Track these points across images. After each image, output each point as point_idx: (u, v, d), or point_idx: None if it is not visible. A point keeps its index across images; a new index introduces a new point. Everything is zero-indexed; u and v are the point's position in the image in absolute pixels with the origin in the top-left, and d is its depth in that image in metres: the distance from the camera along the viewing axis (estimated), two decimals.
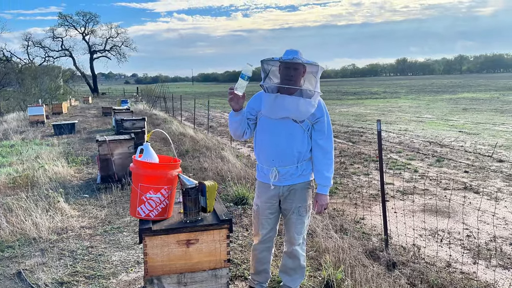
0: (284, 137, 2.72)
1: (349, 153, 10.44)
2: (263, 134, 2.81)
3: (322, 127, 2.75)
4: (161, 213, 2.49)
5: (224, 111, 25.14)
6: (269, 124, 2.77)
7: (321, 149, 2.76)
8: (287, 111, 2.66)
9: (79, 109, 28.25)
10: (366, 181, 7.64)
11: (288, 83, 2.65)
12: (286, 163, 2.74)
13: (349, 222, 5.12)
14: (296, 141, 2.72)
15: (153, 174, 2.42)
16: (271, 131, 2.76)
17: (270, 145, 2.77)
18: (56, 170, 7.21)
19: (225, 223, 2.44)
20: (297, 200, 2.83)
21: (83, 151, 10.27)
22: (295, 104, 2.64)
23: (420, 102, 29.69)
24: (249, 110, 2.86)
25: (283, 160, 2.74)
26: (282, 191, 2.81)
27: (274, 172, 2.76)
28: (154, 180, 2.43)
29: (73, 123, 14.30)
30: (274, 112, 2.71)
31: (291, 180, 2.78)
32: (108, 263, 3.73)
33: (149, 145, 2.57)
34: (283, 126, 2.72)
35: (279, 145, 2.73)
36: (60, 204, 5.12)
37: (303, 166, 2.79)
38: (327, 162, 2.78)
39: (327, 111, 2.81)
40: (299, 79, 2.68)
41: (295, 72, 2.64)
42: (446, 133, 13.84)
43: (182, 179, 2.45)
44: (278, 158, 2.75)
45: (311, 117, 2.70)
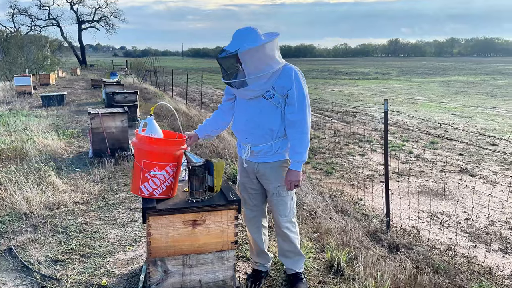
0: (255, 115, 2.61)
1: (344, 133, 10.36)
2: (237, 113, 2.76)
3: (292, 100, 2.56)
4: (166, 192, 2.35)
5: (216, 87, 24.82)
6: (243, 103, 2.70)
7: (291, 124, 2.58)
8: (249, 94, 2.58)
9: (67, 81, 27.62)
10: (362, 162, 7.58)
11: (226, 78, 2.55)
12: (259, 141, 2.65)
13: (348, 203, 5.05)
14: (268, 118, 2.60)
15: (158, 150, 2.27)
16: (244, 109, 2.68)
17: (242, 123, 2.69)
18: (46, 142, 6.98)
19: (233, 203, 2.31)
20: (274, 179, 2.71)
21: (73, 123, 10.01)
22: (249, 92, 2.55)
23: (412, 84, 29.66)
24: (227, 92, 2.83)
25: (255, 138, 2.65)
26: (257, 168, 2.70)
27: (247, 150, 2.68)
28: (159, 157, 2.28)
29: (62, 94, 13.93)
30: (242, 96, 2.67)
31: (265, 157, 2.68)
32: (104, 240, 3.59)
33: (154, 119, 2.41)
34: (254, 104, 2.61)
35: (250, 123, 2.64)
36: (52, 178, 4.94)
37: (278, 144, 2.66)
38: (299, 137, 2.58)
39: (301, 80, 2.59)
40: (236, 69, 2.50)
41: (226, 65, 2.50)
42: (438, 116, 13.83)
43: (189, 156, 2.31)
44: (251, 136, 2.66)
45: (279, 90, 2.55)
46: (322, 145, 8.94)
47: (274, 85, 2.55)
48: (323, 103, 17.69)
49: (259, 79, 2.48)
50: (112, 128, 6.34)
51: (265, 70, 2.46)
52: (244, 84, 2.49)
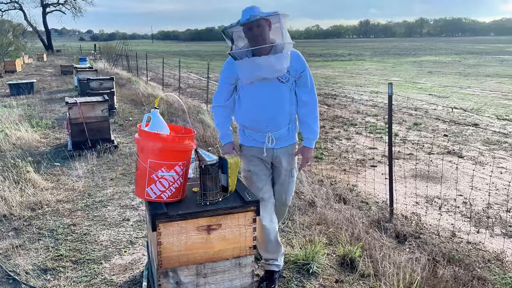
0: (277, 100, 2.58)
1: (327, 117, 10.23)
2: (251, 102, 2.63)
3: (306, 81, 2.63)
4: (175, 194, 2.10)
5: (190, 72, 24.24)
6: (256, 91, 2.59)
7: (306, 104, 2.65)
8: (262, 72, 2.50)
9: (34, 67, 26.37)
10: (349, 146, 7.47)
11: (256, 44, 2.47)
12: (279, 126, 2.63)
13: (344, 190, 4.91)
14: (286, 102, 2.61)
15: (166, 148, 2.01)
16: (260, 97, 2.59)
17: (261, 112, 2.60)
18: (20, 135, 6.53)
19: (251, 205, 2.09)
20: (289, 162, 2.76)
21: (46, 113, 9.47)
22: (268, 63, 2.47)
23: (386, 65, 29.86)
24: (227, 78, 2.71)
25: (276, 125, 2.62)
26: (275, 154, 2.69)
27: (269, 138, 2.63)
28: (168, 156, 2.02)
29: (32, 82, 13.20)
30: (252, 76, 2.55)
31: (283, 142, 2.69)
32: (96, 243, 3.30)
33: (158, 113, 2.14)
34: (270, 90, 2.57)
35: (271, 110, 2.58)
36: (30, 175, 4.57)
37: (293, 127, 2.72)
38: (314, 116, 2.70)
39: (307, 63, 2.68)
40: (266, 35, 2.50)
41: (259, 30, 2.46)
42: (416, 96, 13.89)
43: (201, 154, 2.06)
44: (271, 124, 2.61)
45: (293, 73, 2.58)
46: None
47: (288, 68, 2.55)
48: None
49: (288, 48, 2.46)
50: (92, 118, 5.96)
51: (287, 40, 2.47)
52: (279, 49, 2.45)
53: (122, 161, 5.56)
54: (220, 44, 17.63)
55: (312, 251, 2.89)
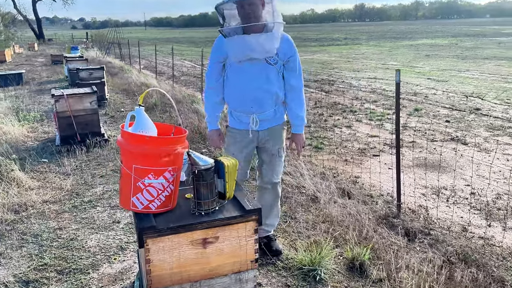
0: (264, 82, 2.58)
1: (325, 104, 9.96)
2: (237, 81, 2.63)
3: (294, 65, 2.64)
4: (165, 203, 1.85)
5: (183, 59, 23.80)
6: (243, 70, 2.59)
7: (293, 89, 2.67)
8: (252, 51, 2.47)
9: (25, 57, 25.81)
10: (350, 134, 7.22)
11: (248, 22, 2.45)
12: (264, 108, 2.64)
13: (347, 183, 4.67)
14: (273, 84, 2.60)
15: (153, 152, 1.75)
16: (246, 77, 2.59)
17: (246, 92, 2.61)
18: (6, 129, 6.22)
19: (252, 214, 1.84)
20: (276, 142, 2.78)
21: (35, 105, 9.13)
22: (258, 42, 2.45)
23: (382, 49, 29.52)
24: (216, 57, 2.69)
25: (261, 106, 2.63)
26: (261, 135, 2.73)
27: (253, 120, 2.64)
28: (155, 160, 1.76)
29: (20, 73, 12.80)
30: (241, 55, 2.53)
31: (269, 123, 2.71)
32: (83, 250, 3.05)
33: (143, 111, 1.87)
34: (257, 70, 2.56)
35: (256, 91, 2.59)
36: (15, 173, 4.30)
37: (280, 109, 2.72)
38: (300, 102, 2.71)
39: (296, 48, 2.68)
40: (259, 14, 2.48)
41: (251, 8, 2.43)
42: (415, 81, 13.62)
43: (193, 157, 1.80)
44: (256, 105, 2.62)
45: (282, 56, 2.58)
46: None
47: (278, 51, 2.53)
48: None
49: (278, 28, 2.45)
50: (81, 111, 5.66)
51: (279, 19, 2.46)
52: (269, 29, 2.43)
53: (112, 156, 5.29)
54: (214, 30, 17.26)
55: (319, 256, 2.66)
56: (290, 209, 3.74)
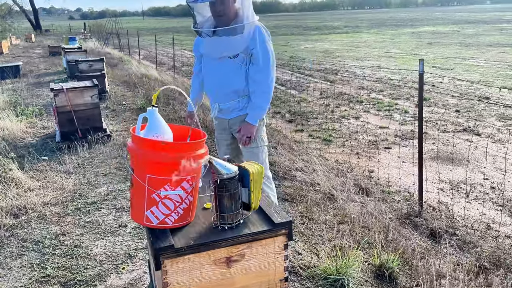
0: (221, 76, 2.64)
1: (331, 94, 9.72)
2: (205, 73, 2.79)
3: (256, 59, 2.57)
4: (183, 217, 1.63)
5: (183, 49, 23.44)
6: (208, 63, 2.73)
7: (254, 82, 2.61)
8: (221, 52, 2.58)
9: (22, 48, 25.41)
10: (359, 126, 7.00)
11: (220, 20, 2.49)
12: (225, 99, 2.71)
13: (362, 178, 4.46)
14: (232, 79, 2.62)
15: (170, 160, 1.53)
16: (210, 70, 2.71)
17: (210, 84, 2.76)
18: (3, 125, 5.99)
19: (281, 227, 1.63)
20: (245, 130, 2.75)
21: (33, 99, 8.87)
22: (227, 44, 2.51)
23: (384, 37, 29.13)
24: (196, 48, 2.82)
25: (223, 97, 2.71)
26: (229, 123, 2.79)
27: (216, 107, 2.76)
28: (172, 169, 1.54)
29: (17, 65, 12.49)
30: (210, 54, 2.67)
31: (235, 113, 2.75)
32: (89, 258, 2.83)
33: (157, 112, 1.64)
34: (219, 64, 2.63)
35: (216, 84, 2.70)
36: (13, 173, 4.08)
37: (245, 100, 2.71)
38: (261, 95, 2.64)
39: (265, 38, 2.58)
40: (229, 11, 2.47)
41: (222, 7, 2.43)
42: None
43: (215, 165, 1.58)
44: (219, 96, 2.72)
45: (244, 50, 2.56)
46: (311, 108, 8.28)
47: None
48: (300, 61, 16.90)
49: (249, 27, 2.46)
50: (81, 106, 5.42)
51: (249, 19, 2.45)
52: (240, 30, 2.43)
53: (116, 153, 5.06)
54: None
55: (345, 264, 2.45)
56: (306, 209, 3.53)
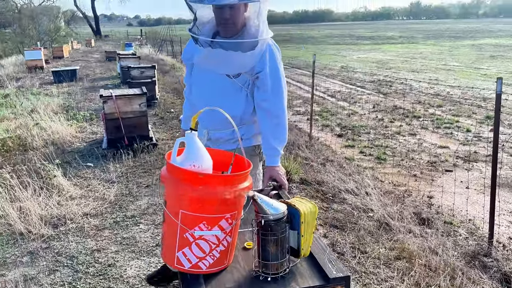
0: (216, 97, 2.09)
1: (384, 108, 9.22)
2: (196, 88, 2.22)
3: (264, 83, 2.06)
4: (219, 261, 1.38)
5: None
6: (199, 77, 2.18)
7: (265, 112, 2.09)
8: (222, 68, 2.06)
9: (82, 53, 26.62)
10: (415, 144, 6.51)
11: (225, 29, 1.99)
12: (218, 127, 2.16)
13: (421, 205, 4.04)
14: (230, 103, 2.08)
15: (208, 194, 1.28)
16: (202, 87, 2.16)
17: (200, 105, 2.01)
18: (54, 128, 6.08)
19: (337, 283, 1.34)
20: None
21: (85, 103, 9.07)
22: (232, 61, 2.00)
23: (442, 48, 27.88)
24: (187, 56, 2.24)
25: (213, 124, 2.17)
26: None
27: (204, 134, 2.20)
28: (210, 205, 1.30)
29: (74, 69, 12.95)
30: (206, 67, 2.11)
31: (228, 145, 2.17)
32: (121, 280, 2.66)
33: (196, 137, 1.41)
34: (215, 83, 2.10)
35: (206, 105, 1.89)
36: (57, 180, 4.04)
37: (243, 130, 2.17)
38: (275, 129, 2.09)
39: (277, 59, 2.09)
40: (239, 19, 1.98)
41: (231, 13, 1.94)
42: (481, 84, 12.48)
43: (260, 203, 1.32)
44: (208, 121, 2.18)
45: (250, 71, 2.06)
46: (363, 122, 7.86)
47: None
48: (352, 71, 16.42)
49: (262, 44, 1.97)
50: (129, 114, 5.37)
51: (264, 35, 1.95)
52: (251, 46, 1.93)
53: (160, 163, 4.94)
54: None
55: None
56: (358, 240, 3.19)
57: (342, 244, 3.11)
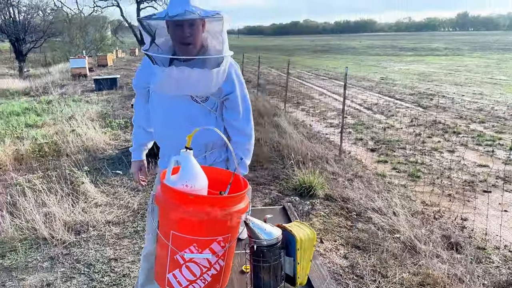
0: (183, 123, 1.96)
1: (423, 122, 8.89)
2: (158, 117, 2.07)
3: (236, 105, 2.01)
4: (211, 285, 1.33)
5: (271, 67, 23.63)
6: (162, 105, 2.02)
7: (236, 130, 2.05)
8: (185, 89, 1.90)
9: (125, 62, 27.56)
10: (453, 161, 6.21)
11: (186, 48, 1.85)
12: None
13: (452, 228, 3.82)
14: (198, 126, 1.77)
15: (198, 216, 1.24)
16: (166, 115, 2.01)
17: (167, 133, 2.05)
18: (89, 135, 6.27)
19: None
20: None
21: (122, 111, 9.33)
22: (198, 79, 1.84)
23: (489, 61, 26.78)
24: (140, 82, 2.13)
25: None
26: None
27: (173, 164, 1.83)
28: (200, 227, 1.26)
29: (115, 78, 13.39)
30: (167, 90, 1.94)
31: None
32: None
33: (192, 155, 1.37)
34: (179, 108, 1.97)
35: (178, 134, 1.92)
36: (84, 187, 4.13)
37: (215, 155, 2.08)
38: (248, 148, 2.10)
39: (242, 80, 2.04)
40: (199, 39, 1.88)
41: (191, 30, 1.84)
42: None
43: (252, 227, 1.26)
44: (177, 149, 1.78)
45: (216, 93, 1.96)
46: (399, 137, 7.60)
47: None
48: (391, 83, 16.03)
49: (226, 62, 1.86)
50: None
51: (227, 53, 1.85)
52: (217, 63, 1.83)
53: None
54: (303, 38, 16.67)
55: None
56: (380, 263, 3.04)
57: (362, 267, 2.98)
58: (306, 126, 8.23)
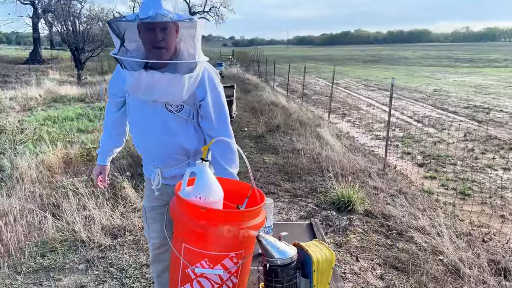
0: (161, 133, 1.93)
1: (477, 137, 8.41)
2: (135, 127, 2.05)
3: (208, 112, 1.93)
4: None
5: (319, 77, 23.43)
6: (139, 115, 1.98)
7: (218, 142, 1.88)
8: (155, 93, 1.81)
9: None
10: (508, 180, 5.81)
11: (158, 53, 1.78)
12: (171, 164, 2.00)
13: (502, 252, 3.54)
14: (175, 136, 1.94)
15: (209, 230, 1.20)
16: (143, 123, 1.97)
17: (145, 143, 2.03)
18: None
19: None
20: None
21: None
22: (168, 84, 1.76)
23: None
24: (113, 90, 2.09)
25: (166, 161, 2.00)
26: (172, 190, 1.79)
27: (157, 175, 2.03)
28: (212, 242, 1.21)
29: None
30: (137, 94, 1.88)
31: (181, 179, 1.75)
32: None
33: (207, 167, 1.34)
34: (156, 117, 1.92)
35: (155, 145, 1.96)
36: (125, 191, 4.24)
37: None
38: (227, 156, 1.95)
39: (217, 84, 1.95)
40: (172, 43, 1.82)
41: (165, 34, 1.77)
42: None
43: (265, 245, 1.20)
44: (159, 159, 2.01)
45: (190, 101, 1.89)
46: (450, 152, 7.22)
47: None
48: (445, 95, 15.37)
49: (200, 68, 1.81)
50: None
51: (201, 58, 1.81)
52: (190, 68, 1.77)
53: None
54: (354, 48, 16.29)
55: None
56: (419, 285, 2.86)
57: None
58: (350, 137, 8.03)
